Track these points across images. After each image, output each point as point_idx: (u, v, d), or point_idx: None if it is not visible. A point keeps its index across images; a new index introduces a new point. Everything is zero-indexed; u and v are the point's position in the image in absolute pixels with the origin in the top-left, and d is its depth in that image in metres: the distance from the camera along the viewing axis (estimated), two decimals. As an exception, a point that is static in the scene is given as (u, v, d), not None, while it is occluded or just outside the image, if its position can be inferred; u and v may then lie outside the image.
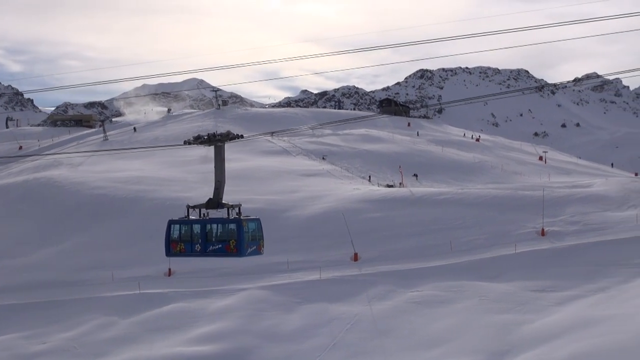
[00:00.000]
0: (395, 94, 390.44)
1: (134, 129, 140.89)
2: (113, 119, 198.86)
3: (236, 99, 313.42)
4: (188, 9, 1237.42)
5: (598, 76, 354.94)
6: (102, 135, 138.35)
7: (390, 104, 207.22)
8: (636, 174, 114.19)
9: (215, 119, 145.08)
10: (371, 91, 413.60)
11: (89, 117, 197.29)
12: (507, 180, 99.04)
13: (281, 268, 61.03)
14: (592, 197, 79.72)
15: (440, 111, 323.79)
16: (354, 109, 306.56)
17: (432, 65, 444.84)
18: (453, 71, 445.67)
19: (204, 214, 27.75)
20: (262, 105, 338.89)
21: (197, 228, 27.41)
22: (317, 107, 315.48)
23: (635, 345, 39.05)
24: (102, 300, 57.57)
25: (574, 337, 42.27)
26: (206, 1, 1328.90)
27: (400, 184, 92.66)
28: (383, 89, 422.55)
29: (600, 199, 78.68)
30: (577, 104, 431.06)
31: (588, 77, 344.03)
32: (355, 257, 63.46)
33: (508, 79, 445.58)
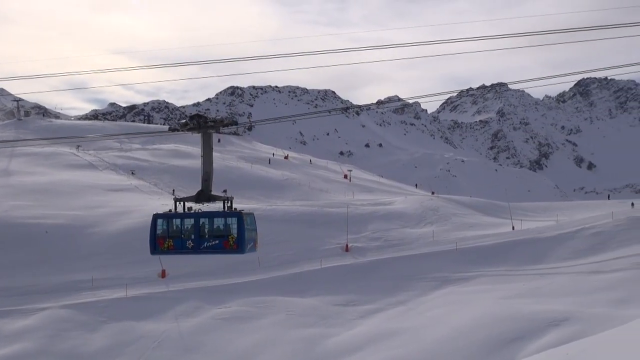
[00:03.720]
0: (206, 109, 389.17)
1: None
2: None
3: (40, 110, 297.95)
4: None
5: (399, 99, 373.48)
6: None
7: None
8: (433, 193, 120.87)
9: (16, 129, 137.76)
10: (181, 106, 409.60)
11: None
12: (314, 197, 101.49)
13: (85, 286, 58.88)
14: (393, 214, 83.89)
15: (250, 128, 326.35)
16: (164, 124, 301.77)
17: (243, 83, 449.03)
18: (263, 89, 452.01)
19: (188, 208, 24.92)
20: (68, 117, 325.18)
21: (189, 223, 24.64)
22: (126, 120, 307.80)
23: (431, 355, 41.58)
24: None
25: (375, 348, 44.31)
26: (11, 9, 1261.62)
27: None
28: (193, 105, 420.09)
29: (400, 216, 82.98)
30: (380, 125, 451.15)
31: (390, 99, 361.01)
32: (163, 274, 62.60)
33: (316, 99, 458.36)
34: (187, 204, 24.78)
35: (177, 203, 24.75)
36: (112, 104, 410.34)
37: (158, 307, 54.60)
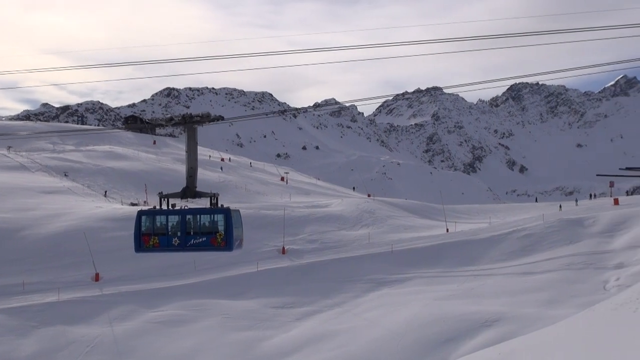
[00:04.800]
0: (142, 111, 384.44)
1: None
2: None
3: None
4: None
5: (336, 102, 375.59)
6: None
7: (136, 121, 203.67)
8: (369, 195, 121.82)
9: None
10: (116, 107, 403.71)
11: None
12: (251, 199, 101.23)
13: (16, 290, 57.47)
14: (330, 216, 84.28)
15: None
16: (98, 125, 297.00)
17: (179, 84, 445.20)
18: (200, 91, 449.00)
19: (172, 205, 24.38)
20: None
21: (175, 220, 24.08)
22: (59, 121, 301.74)
23: (367, 356, 42.01)
24: None
25: (312, 350, 44.48)
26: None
27: (145, 202, 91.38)
28: (129, 106, 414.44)
29: (337, 219, 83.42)
30: (317, 127, 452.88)
31: (327, 102, 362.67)
32: (97, 277, 61.59)
33: (253, 101, 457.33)
34: (171, 201, 24.43)
35: (162, 200, 24.31)
36: (45, 105, 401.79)
37: (91, 311, 53.71)
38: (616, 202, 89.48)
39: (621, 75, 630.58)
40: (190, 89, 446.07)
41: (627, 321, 26.57)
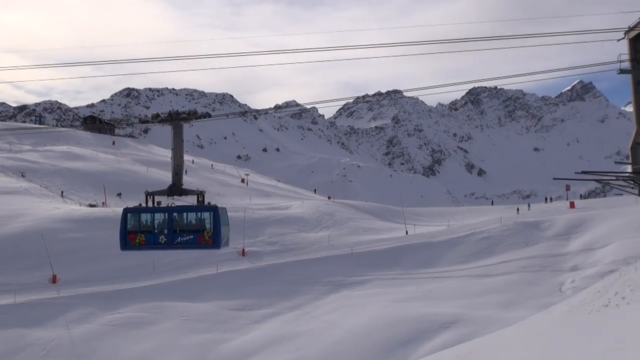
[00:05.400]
0: (100, 111, 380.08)
1: None
2: None
3: None
4: None
5: (297, 104, 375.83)
6: None
7: (95, 122, 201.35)
8: (329, 198, 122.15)
9: None
10: (75, 107, 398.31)
11: None
12: (211, 201, 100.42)
13: (-30, 292, 56.62)
14: (290, 218, 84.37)
15: (146, 131, 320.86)
16: (57, 125, 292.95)
17: (139, 85, 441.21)
18: (160, 91, 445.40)
19: (157, 202, 24.29)
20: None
21: (161, 217, 23.99)
22: (16, 120, 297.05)
23: (326, 358, 42.19)
24: None
25: (270, 352, 44.54)
26: None
27: (103, 203, 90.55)
28: (87, 106, 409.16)
29: (297, 221, 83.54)
30: (278, 129, 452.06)
31: (288, 104, 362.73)
32: (54, 279, 60.85)
33: (214, 102, 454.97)
34: (157, 198, 24.46)
35: (148, 197, 24.24)
36: (2, 104, 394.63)
37: (48, 313, 53.02)
38: (572, 205, 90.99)
39: (577, 81, 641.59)
40: (150, 89, 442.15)
41: (581, 323, 27.17)
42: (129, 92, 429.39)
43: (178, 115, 23.48)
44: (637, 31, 35.29)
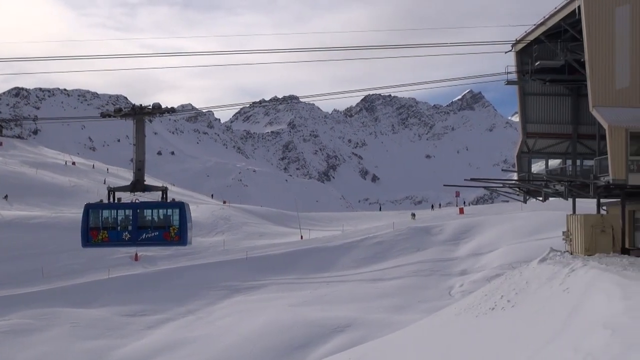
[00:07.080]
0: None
1: None
2: None
3: None
4: None
5: (193, 108, 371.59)
6: None
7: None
8: (224, 202, 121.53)
9: None
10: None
11: None
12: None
13: None
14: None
15: (35, 132, 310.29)
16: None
17: (29, 84, 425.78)
18: (51, 92, 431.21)
19: (118, 198, 23.36)
20: None
21: (124, 214, 23.10)
22: None
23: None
24: None
25: (164, 359, 44.08)
26: None
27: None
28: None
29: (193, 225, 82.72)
30: (173, 132, 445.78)
31: (183, 107, 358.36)
32: None
33: (107, 104, 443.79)
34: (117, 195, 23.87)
35: (110, 193, 23.63)
36: None
37: None
38: (461, 211, 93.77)
39: (467, 90, 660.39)
40: (40, 89, 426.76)
41: (469, 325, 28.21)
42: (17, 92, 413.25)
43: (142, 110, 23.10)
44: (524, 44, 36.87)
